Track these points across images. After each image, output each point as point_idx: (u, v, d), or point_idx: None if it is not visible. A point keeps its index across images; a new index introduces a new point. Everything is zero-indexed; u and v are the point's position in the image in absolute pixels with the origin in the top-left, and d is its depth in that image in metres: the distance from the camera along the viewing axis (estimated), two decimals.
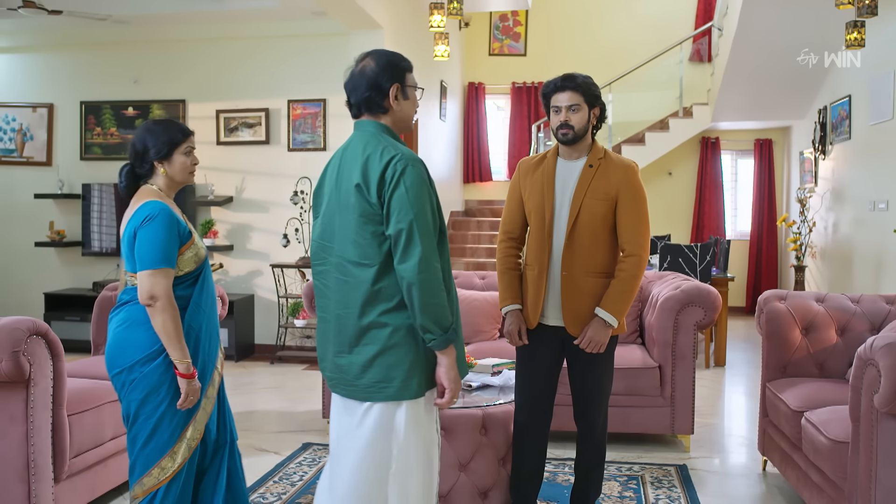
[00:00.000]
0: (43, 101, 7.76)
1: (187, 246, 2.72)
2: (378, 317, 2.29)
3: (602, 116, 3.09)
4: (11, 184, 7.79)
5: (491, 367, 3.73)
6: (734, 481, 4.03)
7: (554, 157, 3.11)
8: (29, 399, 2.99)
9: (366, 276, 2.30)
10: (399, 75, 2.40)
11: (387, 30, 6.87)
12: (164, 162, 2.75)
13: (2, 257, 7.89)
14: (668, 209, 10.71)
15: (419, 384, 2.31)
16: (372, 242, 2.29)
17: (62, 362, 3.12)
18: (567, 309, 2.99)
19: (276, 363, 7.01)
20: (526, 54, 11.25)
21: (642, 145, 9.95)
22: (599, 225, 2.99)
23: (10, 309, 7.78)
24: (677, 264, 6.80)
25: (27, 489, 3.00)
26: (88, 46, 7.66)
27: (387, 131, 2.39)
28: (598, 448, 3.15)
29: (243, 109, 7.38)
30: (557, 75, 3.04)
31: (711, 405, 5.59)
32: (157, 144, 2.73)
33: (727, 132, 10.58)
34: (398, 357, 2.29)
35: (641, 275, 3.00)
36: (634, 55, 10.19)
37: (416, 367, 2.30)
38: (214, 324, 2.86)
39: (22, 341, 2.91)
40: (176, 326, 2.62)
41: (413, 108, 2.47)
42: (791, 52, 7.94)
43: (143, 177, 2.78)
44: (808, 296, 4.04)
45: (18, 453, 2.99)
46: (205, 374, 2.75)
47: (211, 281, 2.86)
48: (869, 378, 2.74)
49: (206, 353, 2.79)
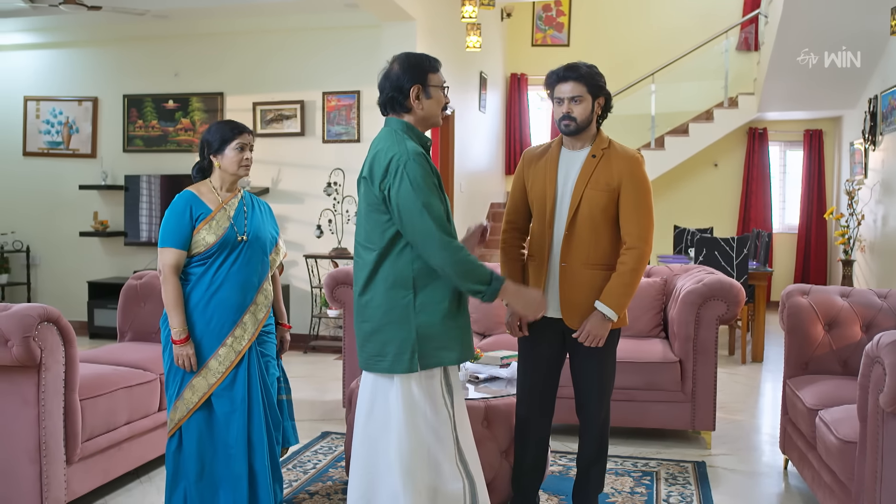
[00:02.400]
0: (88, 95, 7.97)
1: (197, 230, 3.00)
2: (374, 295, 2.56)
3: (608, 106, 3.03)
4: (58, 175, 8.04)
5: (500, 359, 3.71)
6: (753, 480, 3.94)
7: (558, 147, 3.07)
8: (40, 383, 3.09)
9: (369, 259, 2.58)
10: (420, 76, 2.60)
11: (419, 21, 6.86)
12: (217, 156, 3.08)
13: (49, 246, 8.15)
14: (713, 201, 10.48)
15: (411, 361, 2.52)
16: (376, 229, 2.56)
17: (74, 348, 3.22)
18: (565, 301, 2.96)
19: (309, 352, 7.09)
20: (569, 45, 11.11)
21: (686, 136, 9.76)
22: (600, 216, 2.93)
23: (55, 296, 8.05)
24: (713, 258, 6.66)
25: (38, 470, 3.10)
26: (131, 41, 7.84)
27: (409, 128, 2.61)
28: (597, 443, 3.10)
29: (279, 102, 7.46)
30: (602, 65, 3.05)
31: (741, 401, 5.47)
32: (211, 141, 3.09)
33: (775, 122, 10.29)
34: (391, 334, 2.54)
35: (643, 268, 2.94)
36: (680, 44, 9.97)
37: (407, 345, 2.52)
38: (228, 304, 3.03)
39: (32, 327, 3.00)
40: (173, 297, 2.99)
41: (437, 106, 2.66)
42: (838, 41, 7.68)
43: (206, 171, 3.14)
44: (832, 290, 3.91)
45: (30, 435, 3.10)
46: (201, 345, 3.02)
47: (234, 266, 3.04)
48: (875, 376, 2.64)
49: (207, 328, 3.01)
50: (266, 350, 3.20)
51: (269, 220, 3.29)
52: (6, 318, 3.00)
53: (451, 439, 2.60)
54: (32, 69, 8.11)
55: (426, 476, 2.56)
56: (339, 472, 3.92)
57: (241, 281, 3.06)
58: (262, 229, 3.18)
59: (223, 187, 3.13)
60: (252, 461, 3.06)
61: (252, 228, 3.13)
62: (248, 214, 3.16)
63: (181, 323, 2.99)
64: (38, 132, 8.10)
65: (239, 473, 3.04)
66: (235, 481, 3.04)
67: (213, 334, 3.03)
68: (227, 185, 3.14)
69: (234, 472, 3.04)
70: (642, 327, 4.82)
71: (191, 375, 3.02)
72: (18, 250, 8.08)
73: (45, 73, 8.09)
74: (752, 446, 4.47)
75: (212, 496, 3.06)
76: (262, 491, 3.06)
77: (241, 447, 3.04)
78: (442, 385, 2.62)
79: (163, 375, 3.86)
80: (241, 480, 3.03)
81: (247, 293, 3.08)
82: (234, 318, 3.05)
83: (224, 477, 3.05)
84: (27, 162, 8.14)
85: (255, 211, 3.21)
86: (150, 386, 3.76)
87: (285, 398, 3.40)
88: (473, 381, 3.61)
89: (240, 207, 3.14)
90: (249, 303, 3.09)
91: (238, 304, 3.06)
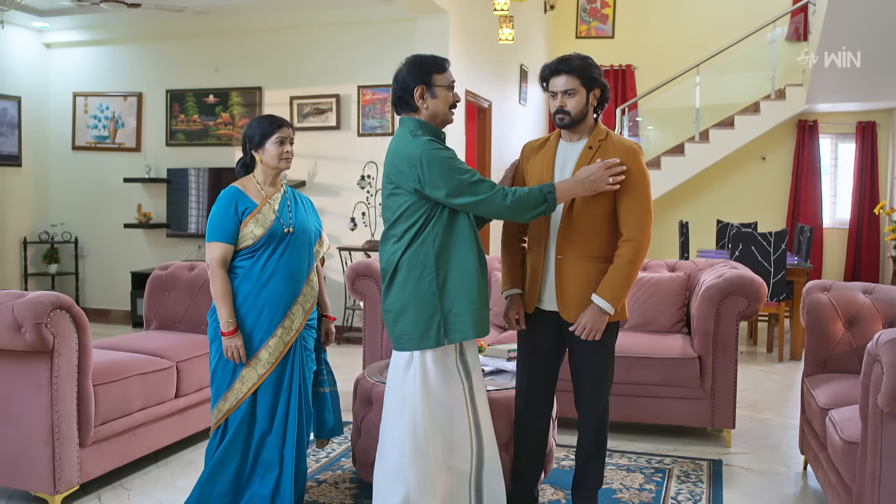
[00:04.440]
0: (133, 91, 8.19)
1: (244, 224, 3.08)
2: (399, 278, 2.78)
3: (604, 97, 3.00)
4: (104, 169, 8.28)
5: (506, 352, 3.70)
6: (768, 480, 3.84)
7: (556, 139, 3.05)
8: (53, 368, 3.19)
9: (394, 245, 2.81)
10: (424, 77, 2.77)
11: (452, 14, 6.86)
12: (258, 151, 3.17)
13: (95, 238, 8.41)
14: (761, 195, 10.24)
15: (438, 336, 2.74)
16: (398, 217, 2.79)
17: (87, 335, 3.32)
18: (561, 294, 2.93)
19: (343, 344, 7.17)
20: (614, 36, 10.95)
21: (731, 129, 9.54)
22: (597, 208, 2.90)
23: (101, 286, 8.32)
24: (749, 253, 6.51)
25: (52, 451, 3.22)
26: (173, 37, 8.03)
27: (421, 125, 2.79)
28: (595, 438, 3.05)
29: (315, 96, 7.55)
30: (646, 57, 3.01)
31: (772, 400, 5.34)
32: (252, 136, 3.18)
33: (826, 115, 10.00)
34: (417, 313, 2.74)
35: (640, 260, 2.90)
36: (727, 35, 9.73)
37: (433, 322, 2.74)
38: (278, 295, 3.10)
39: (45, 314, 3.11)
40: (221, 290, 3.07)
41: (444, 104, 2.81)
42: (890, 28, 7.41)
43: (249, 166, 3.24)
44: (854, 287, 3.79)
45: (44, 418, 3.21)
46: (251, 338, 3.09)
47: (282, 258, 3.11)
48: (875, 375, 2.56)
49: (256, 320, 3.08)
50: (308, 343, 3.25)
51: (312, 213, 3.37)
52: (20, 305, 3.12)
53: (465, 414, 2.80)
54: (81, 66, 8.37)
55: (438, 453, 2.78)
56: (350, 461, 3.97)
57: (289, 272, 3.13)
58: (306, 222, 3.26)
59: (266, 182, 3.22)
60: (282, 451, 3.12)
61: (297, 221, 3.21)
62: (293, 207, 3.23)
63: (230, 315, 3.05)
64: (86, 127, 8.36)
65: (271, 461, 3.11)
66: (266, 469, 3.10)
67: (263, 326, 3.09)
68: (270, 179, 3.23)
69: (266, 460, 3.11)
70: (664, 322, 4.75)
71: (241, 367, 3.09)
72: (67, 241, 8.36)
73: (93, 70, 8.34)
74: (773, 446, 4.36)
75: (245, 484, 3.13)
76: (285, 480, 3.11)
77: (277, 437, 3.11)
78: (458, 361, 2.84)
79: (180, 363, 3.98)
80: (272, 469, 3.10)
81: (295, 284, 3.16)
82: (284, 309, 3.12)
83: (256, 465, 3.12)
84: (76, 156, 8.42)
85: (298, 204, 3.28)
86: (165, 373, 3.85)
87: (328, 391, 3.42)
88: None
89: (283, 201, 3.22)
90: (298, 294, 3.17)
91: (288, 296, 3.13)
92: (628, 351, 4.35)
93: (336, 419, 3.41)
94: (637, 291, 4.84)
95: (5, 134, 7.94)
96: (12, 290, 3.31)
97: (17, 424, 3.24)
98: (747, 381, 5.81)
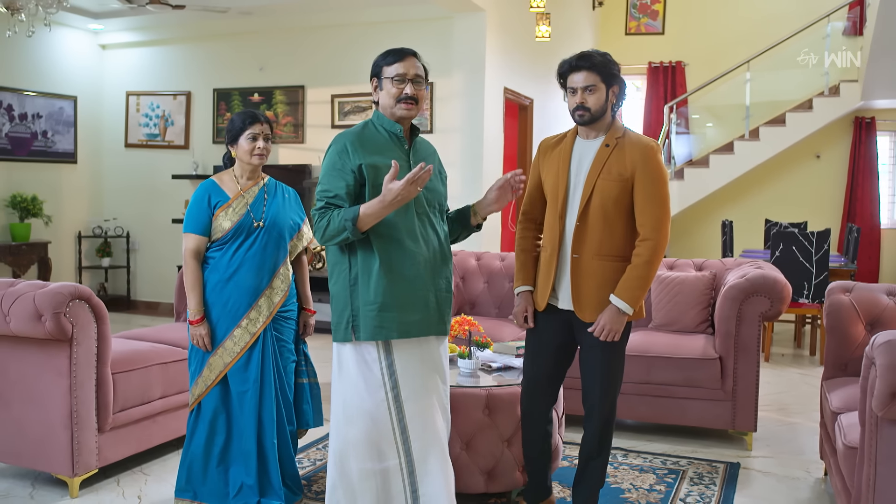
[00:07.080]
0: (182, 90, 8.43)
1: (215, 216, 3.19)
2: (330, 268, 2.80)
3: (622, 94, 2.97)
4: (154, 165, 8.55)
5: (515, 349, 3.71)
6: (784, 484, 3.76)
7: (573, 137, 3.03)
8: (72, 356, 3.33)
9: None
10: (376, 69, 2.80)
11: (489, 12, 6.86)
12: (233, 146, 3.28)
13: (146, 232, 8.69)
14: (815, 194, 9.95)
15: (345, 331, 2.68)
16: None
17: (106, 325, 3.46)
18: (577, 293, 2.91)
19: None
20: (664, 33, 10.78)
21: (782, 126, 9.29)
22: (613, 207, 2.87)
23: (151, 279, 8.59)
24: (790, 253, 6.35)
25: (70, 436, 3.36)
26: (219, 37, 8.24)
27: (377, 116, 2.83)
28: (599, 437, 3.03)
29: (356, 94, 7.65)
30: (697, 53, 2.99)
31: (804, 404, 5.20)
32: (228, 132, 3.29)
33: (884, 111, 9.65)
34: (337, 305, 2.73)
35: (658, 260, 2.85)
36: (780, 30, 9.49)
37: (344, 316, 2.69)
38: (244, 287, 3.20)
39: (64, 304, 3.25)
40: (191, 280, 3.19)
41: (388, 97, 2.76)
42: None
43: (233, 160, 3.32)
44: (878, 288, 3.68)
45: (63, 404, 3.36)
46: (217, 326, 3.20)
47: (249, 251, 3.20)
48: (871, 379, 2.49)
49: (223, 309, 3.19)
50: (283, 335, 3.33)
51: (293, 207, 3.43)
52: (41, 295, 3.27)
53: (388, 416, 2.65)
54: (134, 66, 8.66)
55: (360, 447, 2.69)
56: None
57: (256, 265, 3.21)
58: (280, 215, 3.32)
59: (244, 175, 3.31)
60: (262, 439, 3.22)
61: (270, 215, 3.28)
62: (268, 201, 3.30)
63: (198, 304, 3.19)
64: (138, 125, 8.64)
65: (248, 450, 3.20)
66: (245, 457, 3.20)
67: (229, 316, 3.20)
68: (247, 173, 3.31)
69: (245, 448, 3.20)
70: (688, 322, 4.68)
71: (209, 354, 3.21)
72: (119, 235, 8.65)
73: (145, 70, 8.61)
74: (797, 450, 4.25)
75: (224, 470, 3.24)
76: (272, 467, 3.21)
77: (252, 425, 3.20)
78: (381, 363, 2.65)
79: None
80: (250, 457, 3.19)
81: (262, 277, 3.23)
82: (249, 300, 3.20)
83: (235, 453, 3.23)
84: (128, 153, 8.71)
85: (276, 198, 3.35)
86: (185, 363, 3.96)
87: (307, 381, 3.51)
88: (486, 369, 3.62)
89: (260, 195, 3.30)
90: (265, 286, 3.23)
91: (254, 288, 3.21)
92: (649, 350, 4.31)
93: (316, 410, 3.47)
94: (662, 290, 4.78)
95: (62, 132, 8.27)
96: (35, 281, 3.46)
97: (40, 409, 3.40)
98: (783, 384, 5.68)
